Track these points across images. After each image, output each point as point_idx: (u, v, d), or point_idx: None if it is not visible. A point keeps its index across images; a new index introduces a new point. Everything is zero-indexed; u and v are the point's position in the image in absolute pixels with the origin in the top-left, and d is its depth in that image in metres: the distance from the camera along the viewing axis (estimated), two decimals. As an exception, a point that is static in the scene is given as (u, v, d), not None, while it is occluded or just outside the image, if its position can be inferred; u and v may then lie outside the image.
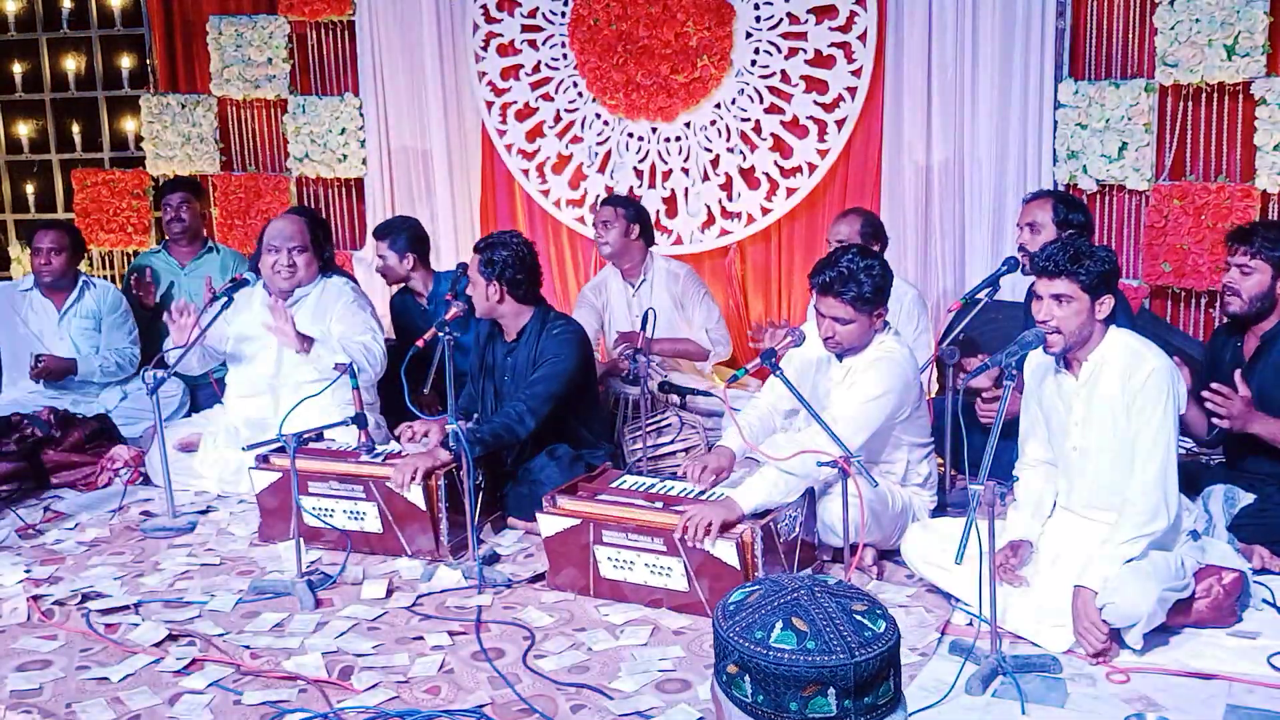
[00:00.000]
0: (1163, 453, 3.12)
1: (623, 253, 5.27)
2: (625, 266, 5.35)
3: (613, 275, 5.45)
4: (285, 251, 4.58)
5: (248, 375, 4.75)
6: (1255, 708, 2.83)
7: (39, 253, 5.39)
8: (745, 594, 1.42)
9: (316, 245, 4.70)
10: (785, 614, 1.35)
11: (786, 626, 1.34)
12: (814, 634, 1.32)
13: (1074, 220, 4.23)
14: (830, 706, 1.31)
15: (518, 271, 4.23)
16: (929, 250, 5.64)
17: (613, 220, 5.23)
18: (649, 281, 5.36)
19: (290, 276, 4.60)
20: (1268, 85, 4.87)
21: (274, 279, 4.61)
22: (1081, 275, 3.14)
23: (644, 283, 5.36)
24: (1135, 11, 5.16)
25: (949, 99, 5.48)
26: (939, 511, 3.95)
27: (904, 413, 3.74)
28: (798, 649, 1.31)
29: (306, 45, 6.60)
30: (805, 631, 1.33)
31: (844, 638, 1.33)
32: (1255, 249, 3.76)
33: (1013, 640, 3.19)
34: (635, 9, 5.86)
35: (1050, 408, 3.40)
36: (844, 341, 3.69)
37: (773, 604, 1.38)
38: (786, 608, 1.36)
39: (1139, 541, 3.09)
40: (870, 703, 1.33)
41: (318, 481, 3.99)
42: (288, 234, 4.60)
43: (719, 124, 5.89)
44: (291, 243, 4.59)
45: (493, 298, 4.24)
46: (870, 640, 1.34)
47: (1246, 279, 3.79)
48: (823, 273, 3.65)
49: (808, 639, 1.32)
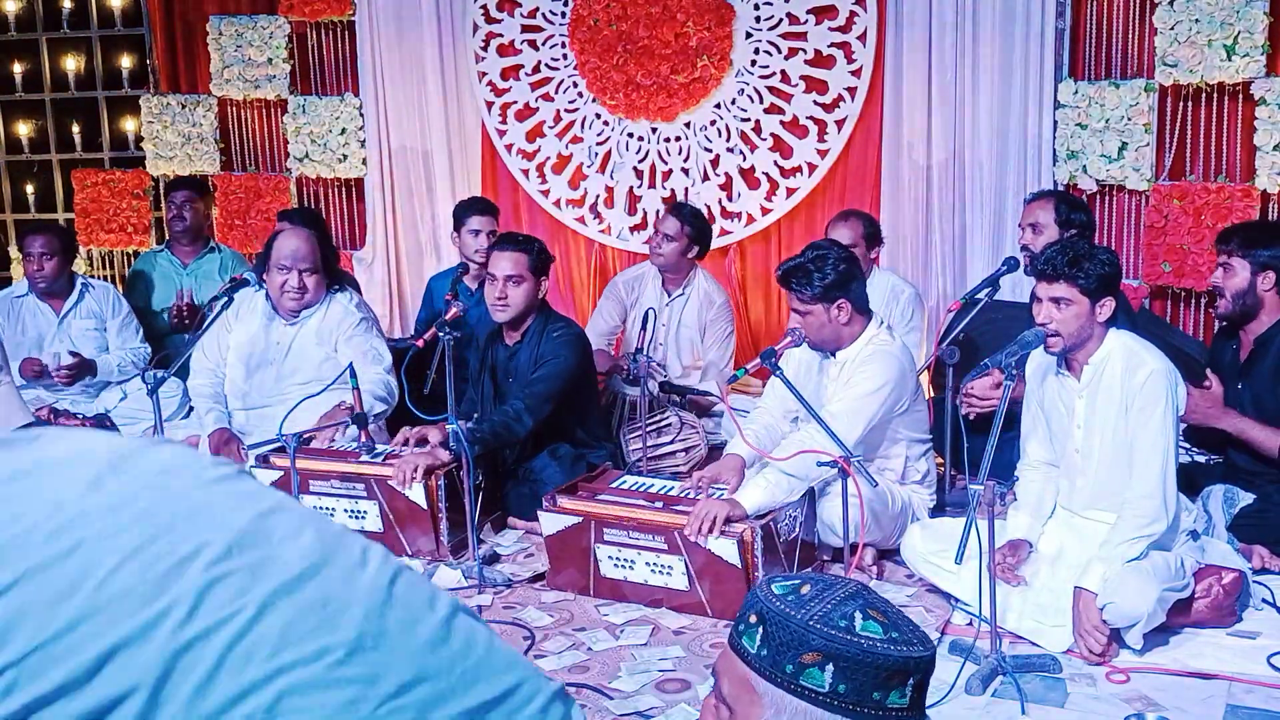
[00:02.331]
0: (1162, 454, 3.12)
1: (674, 268, 5.21)
2: (669, 276, 5.28)
3: (651, 277, 5.36)
4: (296, 273, 4.46)
5: (243, 388, 4.65)
6: (1255, 708, 2.83)
7: (30, 258, 5.36)
8: (792, 585, 1.37)
9: (326, 264, 4.63)
10: (861, 604, 1.33)
11: (867, 617, 1.32)
12: (892, 624, 1.31)
13: (1076, 220, 4.24)
14: (905, 699, 1.31)
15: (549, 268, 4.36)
16: (929, 250, 5.64)
17: (677, 235, 5.13)
18: (686, 297, 5.26)
19: (300, 298, 4.49)
20: (1268, 85, 4.87)
21: (283, 299, 4.50)
22: (1081, 279, 3.15)
23: (681, 297, 5.27)
24: (1135, 11, 5.16)
25: (949, 99, 5.48)
26: (938, 511, 3.96)
27: (902, 405, 3.75)
28: (884, 638, 1.29)
29: (306, 45, 6.60)
30: (885, 622, 1.31)
31: (914, 630, 1.33)
32: (1232, 248, 3.82)
33: (1013, 640, 3.19)
34: (635, 9, 5.86)
35: (1051, 409, 3.40)
36: (811, 335, 3.74)
37: (839, 595, 1.35)
38: (858, 598, 1.34)
39: (1139, 542, 3.09)
40: (924, 697, 1.34)
41: (319, 480, 4.00)
42: (301, 254, 4.47)
43: (719, 124, 5.89)
44: (304, 264, 4.47)
45: (539, 293, 4.32)
46: (927, 636, 1.34)
47: (1229, 278, 3.83)
48: (782, 265, 3.80)
49: (890, 629, 1.31)
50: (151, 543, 1.02)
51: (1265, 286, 3.79)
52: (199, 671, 0.97)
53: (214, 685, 0.97)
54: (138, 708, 0.96)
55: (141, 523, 1.03)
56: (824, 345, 3.80)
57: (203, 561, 1.02)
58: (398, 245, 6.59)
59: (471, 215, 5.29)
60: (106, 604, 0.98)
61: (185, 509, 1.06)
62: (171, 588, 0.99)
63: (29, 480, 1.04)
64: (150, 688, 0.96)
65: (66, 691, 0.95)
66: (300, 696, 0.99)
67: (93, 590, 0.98)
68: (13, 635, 0.95)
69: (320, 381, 4.35)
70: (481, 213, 5.31)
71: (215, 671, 0.98)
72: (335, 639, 1.02)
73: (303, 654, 1.00)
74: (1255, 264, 3.78)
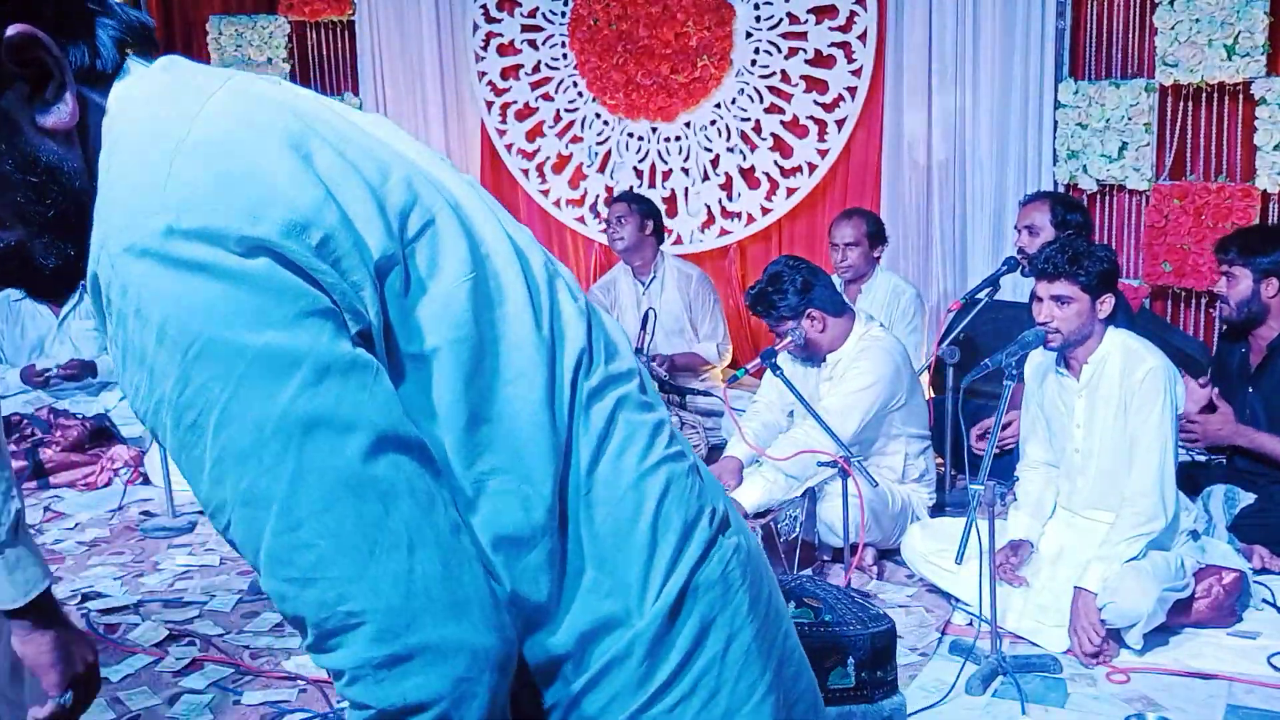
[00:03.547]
0: (1160, 452, 3.12)
1: (636, 249, 5.25)
2: (636, 264, 5.32)
3: (623, 274, 5.43)
4: None
5: None
6: (1255, 708, 2.83)
7: None
8: None
9: None
10: (796, 596, 1.37)
11: (801, 605, 1.35)
12: (828, 609, 1.35)
13: (1072, 221, 4.23)
14: (850, 678, 1.33)
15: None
16: (929, 250, 5.64)
17: (626, 216, 5.20)
18: (659, 279, 5.33)
19: None
20: (1268, 85, 4.86)
21: None
22: (1081, 276, 3.15)
23: (654, 280, 5.32)
24: (1135, 11, 5.16)
25: (949, 99, 5.48)
26: (938, 511, 3.96)
27: (898, 400, 3.75)
28: (814, 622, 1.33)
29: (306, 45, 6.60)
30: (819, 608, 1.35)
31: (854, 613, 1.35)
32: (1232, 257, 3.82)
33: (1013, 640, 3.19)
34: (635, 9, 5.86)
35: (1051, 410, 3.40)
36: (795, 349, 3.81)
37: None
38: (794, 591, 1.38)
39: (1137, 541, 3.09)
40: (882, 677, 1.36)
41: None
42: None
43: (719, 124, 5.89)
44: None
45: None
46: (876, 617, 1.36)
47: (1232, 286, 3.83)
48: (746, 297, 3.94)
49: (825, 613, 1.34)
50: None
51: (1270, 293, 3.78)
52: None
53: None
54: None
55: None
56: (817, 352, 3.84)
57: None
58: (398, 245, 6.59)
59: None
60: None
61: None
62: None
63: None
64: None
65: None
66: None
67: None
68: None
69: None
70: None
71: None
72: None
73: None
74: (1257, 271, 3.78)
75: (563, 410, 1.00)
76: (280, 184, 0.88)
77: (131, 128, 0.92)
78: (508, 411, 0.97)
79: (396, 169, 0.97)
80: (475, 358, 0.96)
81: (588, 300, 1.10)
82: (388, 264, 0.92)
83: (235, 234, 0.85)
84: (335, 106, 1.04)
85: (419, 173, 1.00)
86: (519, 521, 0.97)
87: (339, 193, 0.91)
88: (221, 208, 0.86)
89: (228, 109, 0.92)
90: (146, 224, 0.86)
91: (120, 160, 0.91)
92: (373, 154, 0.97)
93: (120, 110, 0.94)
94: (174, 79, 0.96)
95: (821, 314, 3.73)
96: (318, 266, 0.88)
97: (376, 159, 0.97)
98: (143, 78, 0.96)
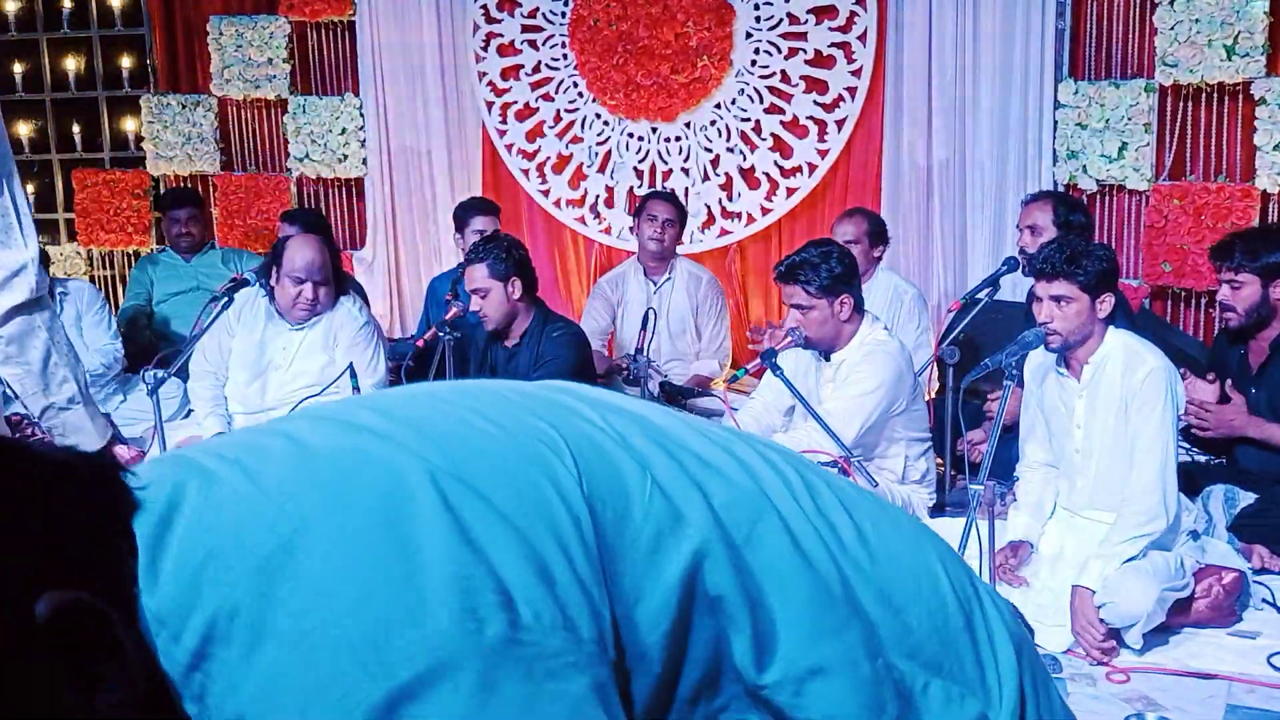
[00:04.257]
0: (1161, 452, 3.12)
1: (668, 253, 5.26)
2: (653, 265, 5.32)
3: (633, 271, 5.40)
4: (310, 284, 4.40)
5: (245, 394, 4.63)
6: (1255, 708, 2.83)
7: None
8: None
9: (336, 272, 4.61)
10: None
11: None
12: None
13: (1074, 221, 4.23)
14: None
15: (525, 265, 4.25)
16: (929, 250, 5.64)
17: (673, 221, 5.19)
18: (672, 281, 5.30)
19: (312, 309, 4.48)
20: (1268, 85, 4.87)
21: (294, 310, 4.46)
22: (1080, 275, 3.14)
23: (667, 282, 5.30)
24: (1135, 11, 5.16)
25: (949, 99, 5.48)
26: (938, 511, 3.96)
27: (899, 405, 3.74)
28: None
29: (306, 45, 6.60)
30: None
31: None
32: (1236, 263, 3.76)
33: (1013, 640, 3.18)
34: (635, 9, 5.86)
35: (1052, 410, 3.40)
36: (810, 332, 3.73)
37: None
38: None
39: (1138, 541, 3.09)
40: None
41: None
42: (315, 266, 4.41)
43: (719, 124, 5.89)
44: (318, 276, 4.41)
45: (513, 295, 4.25)
46: None
47: (1238, 293, 3.78)
48: (783, 262, 3.77)
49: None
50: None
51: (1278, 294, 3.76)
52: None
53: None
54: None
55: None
56: (823, 343, 3.79)
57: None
58: (398, 245, 6.59)
59: (474, 216, 5.29)
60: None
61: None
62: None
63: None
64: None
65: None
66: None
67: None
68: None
69: (322, 385, 4.34)
70: (484, 213, 5.31)
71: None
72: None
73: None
74: (1264, 274, 3.75)
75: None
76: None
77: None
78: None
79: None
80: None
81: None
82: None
83: None
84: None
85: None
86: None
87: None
88: None
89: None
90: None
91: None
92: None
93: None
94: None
95: (851, 303, 3.72)
96: None
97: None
98: None
